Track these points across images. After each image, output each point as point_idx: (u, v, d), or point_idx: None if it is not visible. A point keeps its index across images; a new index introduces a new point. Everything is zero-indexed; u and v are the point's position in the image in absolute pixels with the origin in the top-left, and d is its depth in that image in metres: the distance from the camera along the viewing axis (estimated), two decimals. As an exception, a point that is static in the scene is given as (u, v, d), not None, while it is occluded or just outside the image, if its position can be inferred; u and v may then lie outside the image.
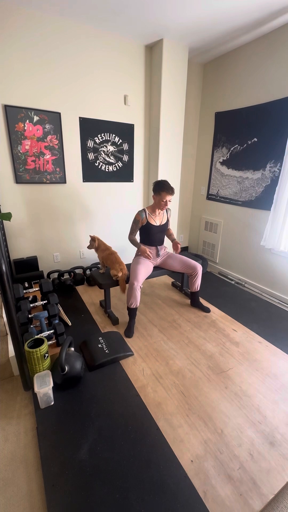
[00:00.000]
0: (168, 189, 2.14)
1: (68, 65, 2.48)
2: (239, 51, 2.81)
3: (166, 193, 2.15)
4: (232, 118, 3.00)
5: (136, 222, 2.29)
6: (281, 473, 1.21)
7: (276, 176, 2.60)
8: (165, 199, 2.17)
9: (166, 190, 2.14)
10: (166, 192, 2.15)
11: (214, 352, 1.98)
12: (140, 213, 2.27)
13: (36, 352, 1.59)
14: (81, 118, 2.69)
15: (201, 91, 3.40)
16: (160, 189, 2.16)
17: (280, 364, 1.88)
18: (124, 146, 3.04)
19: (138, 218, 2.27)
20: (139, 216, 2.27)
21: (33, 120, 2.45)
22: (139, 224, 2.29)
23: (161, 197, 2.17)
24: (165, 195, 2.15)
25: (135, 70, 2.84)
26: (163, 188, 2.15)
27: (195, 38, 2.65)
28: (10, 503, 1.12)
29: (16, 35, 2.21)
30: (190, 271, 2.40)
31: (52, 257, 3.01)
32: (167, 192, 2.15)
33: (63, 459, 1.25)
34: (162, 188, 2.15)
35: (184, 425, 1.42)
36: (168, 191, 2.15)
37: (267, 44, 2.52)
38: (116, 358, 1.84)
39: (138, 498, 1.10)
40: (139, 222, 2.28)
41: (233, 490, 1.15)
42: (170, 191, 2.15)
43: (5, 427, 1.44)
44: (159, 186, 2.17)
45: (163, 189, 2.15)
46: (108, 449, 1.29)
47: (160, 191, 2.16)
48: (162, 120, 2.92)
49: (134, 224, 2.31)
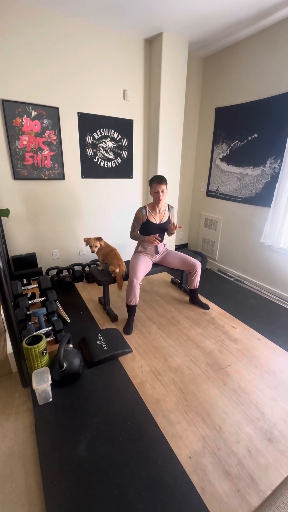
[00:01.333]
0: (157, 178, 2.14)
1: (66, 59, 2.45)
2: (240, 45, 2.77)
3: (156, 183, 2.14)
4: (232, 114, 2.97)
5: (137, 220, 2.28)
6: (279, 469, 1.22)
7: (276, 172, 2.58)
8: (157, 189, 2.15)
9: (156, 180, 2.14)
10: (156, 183, 2.14)
11: (213, 349, 1.98)
12: (140, 210, 2.27)
13: (34, 349, 1.58)
14: (79, 113, 2.66)
15: (201, 86, 3.36)
16: (151, 181, 2.18)
17: (279, 361, 1.88)
18: (123, 142, 3.01)
19: (138, 215, 2.27)
20: (140, 213, 2.26)
21: (31, 115, 2.42)
22: (140, 221, 2.28)
23: (153, 189, 2.18)
24: (156, 186, 2.15)
25: (134, 64, 2.80)
26: (153, 179, 2.17)
27: (195, 32, 2.61)
28: (8, 499, 1.13)
29: (14, 30, 2.17)
30: (189, 268, 2.39)
31: (51, 254, 3.00)
32: (157, 183, 2.14)
33: (61, 455, 1.24)
34: (152, 180, 2.17)
35: (182, 422, 1.43)
36: (157, 181, 2.14)
37: (268, 38, 2.48)
38: (114, 355, 1.84)
39: (136, 494, 1.11)
40: (140, 219, 2.27)
41: (231, 486, 1.15)
42: (159, 181, 2.14)
43: (3, 424, 1.44)
44: (151, 179, 2.19)
45: (153, 181, 2.16)
46: (107, 445, 1.29)
47: (151, 183, 2.18)
48: (161, 115, 2.89)
49: (135, 221, 2.30)
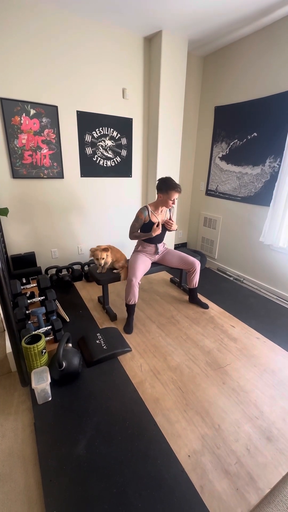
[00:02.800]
0: (176, 187, 2.06)
1: (66, 57, 2.43)
2: (239, 43, 2.76)
3: (174, 191, 2.06)
4: (232, 113, 2.96)
5: (139, 221, 2.20)
6: (277, 468, 1.22)
7: (276, 171, 2.58)
8: (173, 197, 2.09)
9: (174, 188, 2.05)
10: (174, 191, 2.06)
11: (212, 348, 1.98)
12: (142, 211, 2.18)
13: (33, 348, 1.58)
14: (78, 112, 2.65)
15: (201, 84, 3.35)
16: (168, 187, 2.06)
17: (278, 360, 1.88)
18: (123, 140, 3.00)
19: (141, 216, 2.18)
20: (142, 214, 2.18)
21: (30, 114, 2.41)
22: (141, 222, 2.20)
23: (168, 196, 2.08)
24: (173, 193, 2.07)
25: (134, 62, 2.79)
26: (170, 187, 2.06)
27: (195, 30, 2.60)
28: (8, 498, 1.13)
29: (13, 27, 2.16)
30: (188, 267, 2.39)
31: (50, 253, 3.00)
32: (175, 191, 2.06)
33: (61, 454, 1.25)
34: (169, 187, 2.06)
35: (181, 421, 1.43)
36: (176, 189, 2.06)
37: (268, 37, 2.48)
38: (114, 354, 1.84)
39: (135, 493, 1.11)
40: (142, 220, 2.19)
41: (229, 484, 1.16)
42: (178, 189, 2.07)
43: (2, 423, 1.44)
44: (166, 185, 2.07)
45: (170, 188, 2.06)
46: (106, 444, 1.29)
47: (168, 190, 2.07)
48: (161, 114, 2.88)
49: (135, 222, 2.22)
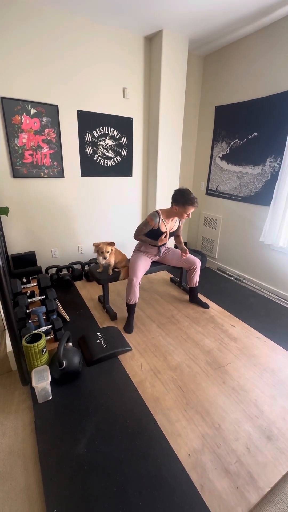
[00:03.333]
0: (194, 202, 2.00)
1: (66, 57, 2.43)
2: (240, 43, 2.76)
3: (192, 206, 2.01)
4: (233, 112, 2.96)
5: (147, 226, 2.13)
6: (277, 467, 1.22)
7: (276, 171, 2.58)
8: (189, 212, 2.04)
9: (192, 204, 2.00)
10: (192, 206, 2.01)
11: (212, 348, 1.98)
12: (153, 217, 2.10)
13: (34, 347, 1.59)
14: (79, 111, 2.64)
15: (201, 84, 3.35)
16: (185, 202, 1.99)
17: (278, 360, 1.88)
18: (123, 140, 3.00)
19: (150, 222, 2.10)
20: (152, 221, 2.10)
21: (30, 113, 2.41)
22: (149, 227, 2.13)
23: (185, 210, 2.02)
24: (190, 208, 2.02)
25: (134, 62, 2.79)
26: (188, 201, 1.99)
27: (196, 29, 2.60)
28: (8, 496, 1.13)
29: (14, 27, 2.16)
30: (189, 265, 2.39)
31: (50, 253, 3.00)
32: (193, 206, 2.01)
33: (61, 453, 1.25)
34: (187, 201, 1.99)
35: (181, 420, 1.43)
36: (194, 205, 2.01)
37: (268, 36, 2.48)
38: (114, 353, 1.84)
39: (135, 491, 1.11)
40: (150, 226, 2.13)
41: (230, 483, 1.16)
42: (196, 204, 2.02)
43: (3, 422, 1.44)
44: (183, 198, 2.00)
45: (188, 203, 1.99)
46: (106, 443, 1.29)
47: (185, 204, 2.00)
48: (161, 113, 2.88)
49: (144, 226, 2.14)
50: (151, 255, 2.35)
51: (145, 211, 3.49)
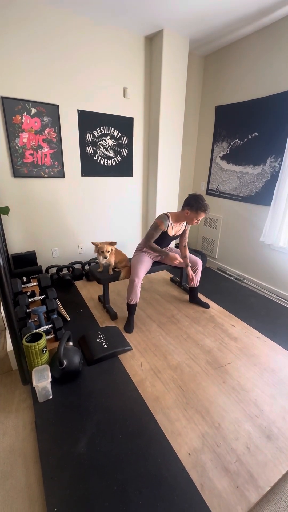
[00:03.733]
0: (207, 209, 2.02)
1: (67, 57, 2.43)
2: (241, 43, 2.76)
3: (204, 213, 2.04)
4: (233, 112, 2.96)
5: (158, 230, 2.11)
6: (277, 466, 1.23)
7: (277, 171, 2.58)
8: (200, 218, 2.06)
9: (205, 210, 2.02)
10: (204, 212, 2.03)
11: (213, 347, 1.99)
12: (163, 220, 2.10)
13: (34, 347, 1.59)
14: (79, 111, 2.65)
15: (202, 84, 3.35)
16: (199, 207, 2.00)
17: (278, 359, 1.89)
18: (123, 140, 3.00)
19: (161, 226, 2.10)
20: (162, 224, 2.09)
21: (31, 113, 2.41)
22: (159, 232, 2.12)
23: (197, 215, 2.04)
24: (202, 214, 2.04)
25: (135, 62, 2.79)
26: (201, 207, 2.00)
27: (196, 29, 2.60)
28: (9, 495, 1.13)
29: (15, 27, 2.16)
30: (190, 265, 2.39)
31: (50, 252, 3.00)
32: (205, 213, 2.04)
33: (62, 452, 1.25)
34: (200, 207, 2.00)
35: (182, 419, 1.43)
36: (206, 212, 2.03)
37: (269, 36, 2.48)
38: (114, 353, 1.85)
39: (135, 490, 1.11)
40: (161, 231, 2.12)
41: (230, 482, 1.16)
42: (208, 212, 2.04)
43: (3, 421, 1.45)
44: (197, 204, 2.00)
45: (201, 209, 2.01)
46: (106, 442, 1.30)
47: (198, 210, 2.01)
48: (162, 113, 2.88)
49: (154, 231, 2.12)
50: (153, 255, 2.35)
51: (145, 211, 3.49)
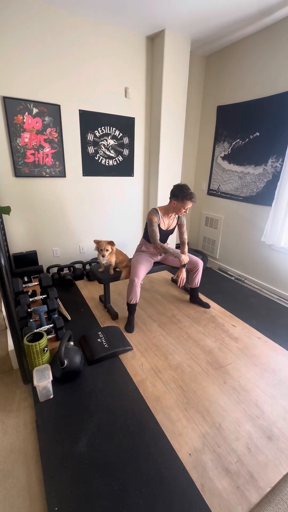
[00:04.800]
0: (192, 197, 2.06)
1: (68, 57, 2.44)
2: (242, 43, 2.76)
3: (190, 201, 2.06)
4: (234, 112, 2.96)
5: (154, 224, 2.14)
6: (278, 467, 1.23)
7: (278, 171, 2.57)
8: (187, 206, 2.09)
9: (190, 198, 2.05)
10: (190, 201, 2.06)
11: (213, 347, 1.99)
12: (154, 214, 2.14)
13: (35, 346, 1.59)
14: (81, 111, 2.65)
15: (203, 84, 3.35)
16: (184, 196, 2.04)
17: (279, 360, 1.88)
18: (125, 140, 3.00)
19: (155, 219, 2.13)
20: (155, 217, 2.14)
21: (32, 113, 2.42)
22: (157, 225, 2.15)
23: (183, 204, 2.07)
24: (188, 203, 2.07)
25: (136, 61, 2.79)
26: (187, 196, 2.04)
27: (198, 29, 2.60)
28: (10, 494, 1.14)
29: (16, 26, 2.16)
30: (191, 266, 2.39)
31: (51, 252, 3.00)
32: (191, 201, 2.06)
33: (62, 451, 1.25)
34: (185, 196, 2.04)
35: (182, 419, 1.43)
36: (192, 199, 2.06)
37: (270, 36, 2.47)
38: (115, 353, 1.85)
39: (136, 490, 1.12)
40: (157, 223, 2.15)
41: (230, 482, 1.16)
42: (194, 199, 2.07)
43: (4, 420, 1.45)
44: (182, 193, 2.05)
45: (187, 197, 2.04)
46: (107, 442, 1.30)
47: (184, 199, 2.05)
48: (163, 113, 2.88)
49: (153, 226, 2.14)
50: (153, 255, 2.35)
51: (146, 211, 3.49)
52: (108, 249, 2.16)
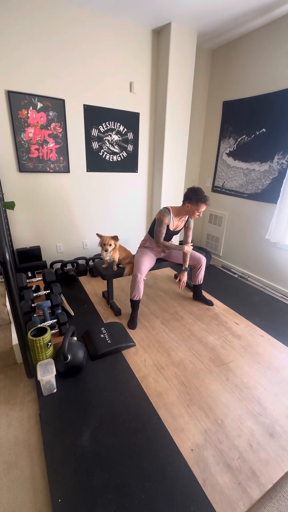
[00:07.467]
0: (207, 200, 2.02)
1: (73, 51, 2.41)
2: (249, 37, 2.70)
3: (204, 204, 2.03)
4: (241, 108, 2.91)
5: (163, 225, 2.11)
6: (280, 464, 1.23)
7: (284, 168, 2.54)
8: (201, 210, 2.06)
9: (205, 201, 2.02)
10: (204, 204, 2.03)
11: (216, 345, 1.99)
12: (165, 214, 2.10)
13: (39, 341, 1.60)
14: (85, 106, 2.63)
15: (209, 79, 3.30)
16: (199, 199, 2.01)
17: (282, 358, 1.88)
18: (129, 135, 2.98)
19: (165, 220, 2.10)
20: (165, 218, 2.10)
21: (37, 107, 2.40)
22: (165, 226, 2.12)
23: (197, 207, 2.04)
24: (202, 206, 2.04)
25: (142, 56, 2.76)
26: (201, 199, 2.01)
27: (204, 22, 2.55)
28: (14, 485, 1.15)
29: (21, 20, 2.14)
30: (194, 263, 2.39)
31: (55, 248, 3.01)
32: (205, 204, 2.03)
33: (65, 444, 1.27)
34: (200, 199, 2.01)
35: (184, 415, 1.44)
36: (207, 203, 2.03)
37: (279, 30, 2.42)
38: (118, 349, 1.86)
39: (138, 484, 1.13)
40: (165, 224, 2.12)
41: (232, 478, 1.17)
42: (208, 202, 2.04)
43: (8, 413, 1.47)
44: (197, 196, 2.01)
45: (201, 200, 2.01)
46: (110, 436, 1.31)
47: (198, 202, 2.02)
48: (168, 108, 2.84)
49: (160, 227, 2.12)
50: (156, 252, 2.34)
51: (150, 207, 3.48)
52: (112, 244, 2.13)
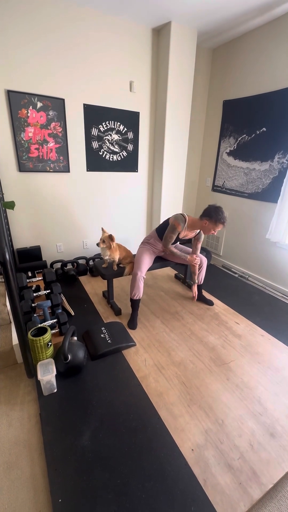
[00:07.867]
0: (225, 222, 2.02)
1: (73, 50, 2.40)
2: (250, 35, 2.69)
3: (222, 225, 2.03)
4: (241, 107, 2.91)
5: (175, 232, 2.09)
6: (280, 464, 1.23)
7: (284, 167, 2.53)
8: (218, 229, 2.05)
9: (223, 222, 2.01)
10: (222, 225, 2.03)
11: (216, 344, 1.98)
12: (180, 222, 2.07)
13: (39, 341, 1.60)
14: (85, 105, 2.62)
15: (209, 78, 3.29)
16: (218, 219, 1.99)
17: (282, 358, 1.88)
18: (129, 134, 2.97)
19: (178, 228, 2.07)
20: (180, 225, 2.07)
21: (37, 107, 2.40)
22: (177, 233, 2.10)
23: (215, 226, 2.02)
24: (220, 226, 2.03)
25: (142, 55, 2.75)
26: (221, 219, 2.00)
27: (205, 21, 2.54)
28: (14, 485, 1.15)
29: (21, 20, 2.13)
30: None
31: (55, 247, 3.01)
32: (223, 225, 2.03)
33: (66, 444, 1.27)
34: (220, 219, 1.99)
35: (185, 415, 1.44)
36: (224, 224, 2.03)
37: (279, 28, 2.41)
38: (118, 348, 1.85)
39: (138, 484, 1.13)
40: (178, 232, 2.09)
41: (232, 478, 1.16)
42: (225, 224, 2.06)
43: (9, 413, 1.47)
44: (217, 216, 1.99)
45: (220, 221, 2.00)
46: (110, 436, 1.31)
47: (218, 222, 2.00)
48: (168, 108, 2.84)
49: (172, 233, 2.09)
50: (157, 250, 2.34)
51: (150, 207, 3.47)
52: (105, 241, 2.14)
